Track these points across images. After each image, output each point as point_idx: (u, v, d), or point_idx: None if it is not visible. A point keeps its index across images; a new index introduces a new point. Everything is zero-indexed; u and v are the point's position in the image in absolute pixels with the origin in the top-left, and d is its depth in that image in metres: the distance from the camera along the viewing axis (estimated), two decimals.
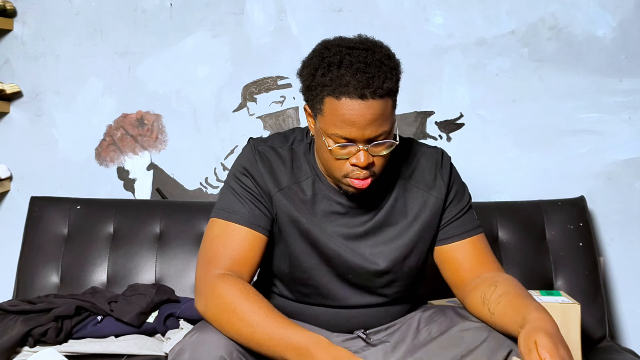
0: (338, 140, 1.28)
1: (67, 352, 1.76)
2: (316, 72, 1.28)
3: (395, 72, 1.30)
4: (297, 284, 1.45)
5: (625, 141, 2.17)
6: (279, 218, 1.40)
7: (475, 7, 2.20)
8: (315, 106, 1.31)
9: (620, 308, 2.18)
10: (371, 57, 1.27)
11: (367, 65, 1.25)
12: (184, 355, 1.20)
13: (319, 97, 1.29)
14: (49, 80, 2.31)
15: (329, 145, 1.29)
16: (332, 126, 1.27)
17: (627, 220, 2.17)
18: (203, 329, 1.25)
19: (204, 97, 2.28)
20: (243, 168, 1.40)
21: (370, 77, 1.24)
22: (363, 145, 1.28)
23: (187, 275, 2.03)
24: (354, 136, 1.27)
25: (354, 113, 1.25)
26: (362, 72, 1.24)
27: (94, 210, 2.12)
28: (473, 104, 2.21)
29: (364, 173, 1.30)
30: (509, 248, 2.01)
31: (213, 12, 2.27)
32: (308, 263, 1.41)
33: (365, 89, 1.23)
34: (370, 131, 1.27)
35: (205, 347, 1.20)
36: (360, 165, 1.29)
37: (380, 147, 1.30)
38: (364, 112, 1.25)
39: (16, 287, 2.04)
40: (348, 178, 1.32)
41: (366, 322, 1.46)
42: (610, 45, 2.16)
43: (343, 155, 1.30)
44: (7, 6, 2.26)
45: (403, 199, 1.43)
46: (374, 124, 1.26)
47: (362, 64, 1.25)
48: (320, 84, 1.27)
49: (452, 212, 1.45)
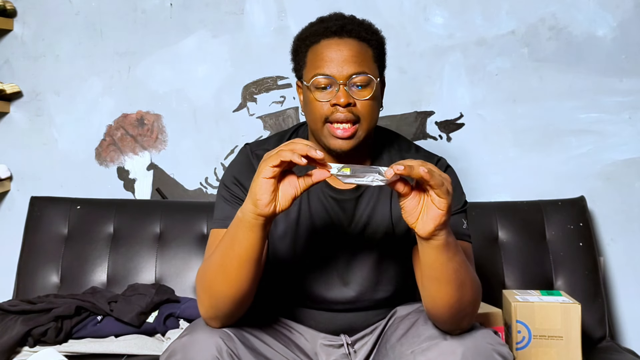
0: (319, 83, 1.32)
1: (67, 352, 1.76)
2: (300, 36, 1.42)
3: (375, 35, 1.38)
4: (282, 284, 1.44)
5: (625, 141, 2.17)
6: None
7: (475, 7, 2.20)
8: (302, 68, 1.39)
9: (620, 308, 2.18)
10: (350, 17, 1.40)
11: (345, 17, 1.39)
12: (176, 357, 1.20)
13: (303, 54, 1.38)
14: (49, 80, 2.31)
15: (311, 91, 1.33)
16: (313, 69, 1.34)
17: (627, 220, 2.17)
18: (194, 330, 1.25)
19: (204, 97, 2.28)
20: (233, 177, 1.40)
21: (349, 22, 1.37)
22: (342, 82, 1.31)
23: (187, 275, 2.03)
24: (333, 72, 1.31)
25: (331, 49, 1.33)
26: (341, 19, 1.38)
27: (94, 210, 2.12)
28: (473, 104, 2.21)
29: (345, 114, 1.31)
30: (509, 248, 2.02)
31: (213, 12, 2.27)
32: (295, 263, 1.41)
33: (342, 28, 1.35)
34: (348, 68, 1.31)
35: (196, 347, 1.20)
36: (340, 104, 1.30)
37: (361, 91, 1.33)
38: (340, 47, 1.33)
39: (16, 287, 2.04)
40: (330, 124, 1.33)
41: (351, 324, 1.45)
42: (610, 45, 2.16)
43: (325, 97, 1.32)
44: (7, 6, 2.26)
45: (389, 199, 1.42)
46: (351, 60, 1.32)
47: (340, 17, 1.40)
48: (303, 39, 1.39)
49: None
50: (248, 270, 1.21)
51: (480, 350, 1.21)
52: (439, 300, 1.23)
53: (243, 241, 1.18)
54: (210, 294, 1.24)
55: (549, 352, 1.62)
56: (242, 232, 1.18)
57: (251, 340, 1.28)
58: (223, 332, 1.23)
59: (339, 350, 1.43)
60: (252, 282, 1.23)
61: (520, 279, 1.99)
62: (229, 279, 1.22)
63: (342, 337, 1.44)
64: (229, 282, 1.22)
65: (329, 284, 1.41)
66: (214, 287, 1.23)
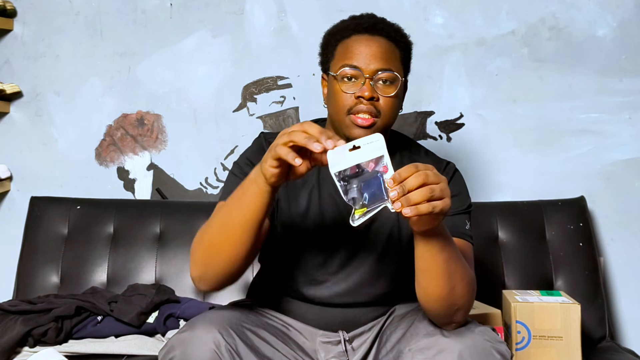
0: (346, 73, 1.37)
1: (67, 352, 1.76)
2: (332, 31, 1.46)
3: (403, 38, 1.44)
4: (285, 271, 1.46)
5: (625, 141, 2.17)
6: (280, 204, 1.43)
7: (475, 7, 2.20)
8: (329, 61, 1.43)
9: (620, 308, 2.18)
10: (381, 18, 1.46)
11: (377, 17, 1.46)
12: (174, 352, 1.21)
13: (332, 47, 1.42)
14: (49, 80, 2.31)
15: (337, 81, 1.37)
16: (342, 60, 1.38)
17: (627, 220, 2.17)
18: (192, 326, 1.25)
19: (204, 97, 2.28)
20: (247, 159, 1.44)
21: (380, 21, 1.43)
22: (368, 76, 1.35)
23: (187, 275, 2.03)
24: (360, 65, 1.36)
25: (361, 44, 1.38)
26: (373, 18, 1.45)
27: (94, 210, 2.12)
28: (473, 104, 2.21)
29: (367, 106, 1.35)
30: (509, 248, 2.02)
31: (213, 12, 2.27)
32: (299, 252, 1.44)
33: (374, 26, 1.41)
34: (375, 63, 1.36)
35: (194, 342, 1.20)
36: (364, 97, 1.34)
37: (386, 87, 1.37)
38: (370, 43, 1.38)
39: (16, 287, 2.04)
40: (352, 115, 1.36)
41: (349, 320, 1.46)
42: (610, 45, 2.16)
43: (350, 89, 1.36)
44: (7, 6, 2.26)
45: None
46: (379, 57, 1.37)
47: (372, 16, 1.46)
48: (334, 34, 1.44)
49: None
50: (248, 234, 1.23)
51: (478, 348, 1.21)
52: (430, 291, 1.24)
53: (250, 203, 1.21)
54: (207, 252, 1.27)
55: (549, 353, 1.62)
56: (250, 192, 1.20)
57: (250, 337, 1.28)
58: (222, 327, 1.23)
59: (337, 347, 1.44)
60: (248, 248, 1.25)
61: (520, 279, 1.99)
62: (228, 237, 1.24)
63: (340, 333, 1.44)
64: (227, 240, 1.24)
65: (331, 274, 1.43)
66: (212, 243, 1.26)
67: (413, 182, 1.07)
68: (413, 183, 1.07)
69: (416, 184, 1.07)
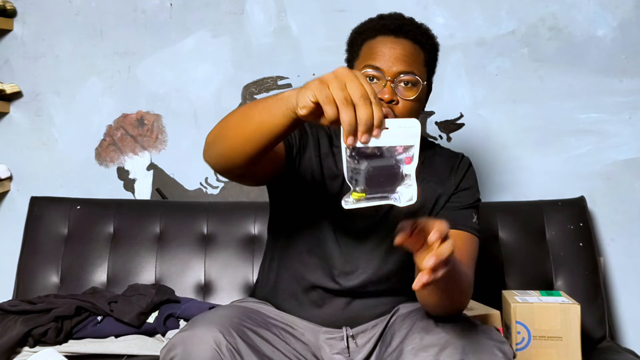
0: (367, 74, 1.37)
1: (67, 352, 1.76)
2: (358, 29, 1.46)
3: (430, 40, 1.45)
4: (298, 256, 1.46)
5: (625, 141, 2.17)
6: (302, 164, 1.43)
7: (475, 7, 2.20)
8: (354, 60, 1.44)
9: (620, 308, 2.18)
10: (409, 18, 1.46)
11: (404, 18, 1.46)
12: (176, 351, 1.21)
13: (358, 46, 1.43)
14: (49, 80, 2.31)
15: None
16: (365, 61, 1.39)
17: (627, 220, 2.17)
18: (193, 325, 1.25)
19: (204, 97, 2.28)
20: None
21: (407, 23, 1.43)
22: (389, 78, 1.36)
23: (187, 275, 2.04)
24: (382, 67, 1.37)
25: (386, 46, 1.39)
26: (400, 19, 1.44)
27: (94, 210, 2.12)
28: (473, 104, 2.21)
29: (386, 109, 1.35)
30: (509, 248, 2.02)
31: (213, 12, 2.27)
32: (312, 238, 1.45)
33: (400, 28, 1.41)
34: (398, 66, 1.37)
35: (195, 341, 1.20)
36: (384, 99, 1.34)
37: (406, 90, 1.37)
38: (394, 45, 1.39)
39: (16, 287, 2.04)
40: None
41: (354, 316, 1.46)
42: (610, 45, 2.16)
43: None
44: (7, 6, 2.26)
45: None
46: (402, 59, 1.37)
47: (399, 17, 1.46)
48: (360, 32, 1.44)
49: (452, 204, 1.47)
50: (258, 135, 1.16)
51: (481, 347, 1.21)
52: (429, 304, 1.29)
53: (272, 115, 1.13)
54: (222, 126, 1.24)
55: (549, 353, 1.62)
56: (277, 107, 1.12)
57: (251, 336, 1.28)
58: (223, 327, 1.23)
59: (341, 343, 1.44)
60: (253, 147, 1.19)
61: (520, 279, 1.99)
62: (242, 126, 1.18)
63: (343, 329, 1.45)
64: (241, 128, 1.19)
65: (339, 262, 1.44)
66: (228, 124, 1.22)
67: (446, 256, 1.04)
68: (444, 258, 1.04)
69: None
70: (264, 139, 1.17)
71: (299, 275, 1.47)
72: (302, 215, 1.47)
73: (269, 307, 1.48)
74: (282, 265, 1.51)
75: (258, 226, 2.07)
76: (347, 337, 1.44)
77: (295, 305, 1.48)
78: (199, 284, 2.04)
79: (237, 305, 1.45)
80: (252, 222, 2.08)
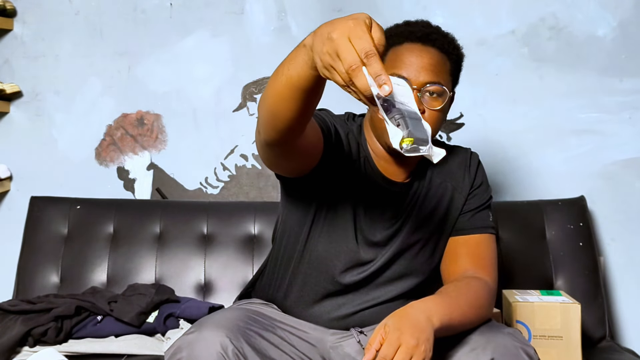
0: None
1: (67, 352, 1.76)
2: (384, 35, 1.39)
3: (456, 50, 1.42)
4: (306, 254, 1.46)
5: (625, 141, 2.17)
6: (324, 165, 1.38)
7: (475, 7, 2.20)
8: None
9: (620, 308, 2.18)
10: (435, 26, 1.43)
11: (431, 26, 1.43)
12: (182, 353, 1.20)
13: (384, 52, 1.35)
14: (49, 80, 2.31)
15: None
16: (391, 69, 1.34)
17: (627, 220, 2.17)
18: (200, 328, 1.25)
19: (204, 97, 2.28)
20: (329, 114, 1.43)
21: (434, 31, 1.41)
22: (416, 88, 1.34)
23: (187, 275, 2.04)
24: (409, 76, 1.34)
25: (413, 54, 1.36)
26: (427, 27, 1.42)
27: (94, 210, 2.12)
28: (473, 104, 2.21)
29: None
30: (509, 248, 2.01)
31: (213, 12, 2.27)
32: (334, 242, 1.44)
33: (427, 36, 1.38)
34: (425, 75, 1.35)
35: (202, 344, 1.20)
36: None
37: (432, 100, 1.35)
38: (422, 54, 1.36)
39: (16, 287, 2.04)
40: None
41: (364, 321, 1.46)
42: (610, 45, 2.16)
43: None
44: (7, 6, 2.26)
45: (426, 190, 1.47)
46: (429, 69, 1.35)
47: (426, 25, 1.43)
48: (386, 38, 1.35)
49: (469, 206, 1.48)
50: (291, 93, 1.14)
51: (508, 349, 1.22)
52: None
53: (297, 66, 1.13)
54: (263, 94, 1.22)
55: (549, 352, 1.61)
56: (300, 58, 1.13)
57: (257, 340, 1.28)
58: (229, 330, 1.23)
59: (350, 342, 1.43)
60: (291, 111, 1.15)
61: (520, 279, 1.99)
62: (273, 89, 1.17)
63: (352, 331, 1.45)
64: (274, 89, 1.17)
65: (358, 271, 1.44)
66: (267, 92, 1.20)
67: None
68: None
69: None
70: (296, 94, 1.13)
71: (314, 283, 1.46)
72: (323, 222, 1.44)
73: (273, 308, 1.47)
74: (295, 272, 1.48)
75: (258, 226, 2.07)
76: (356, 335, 1.44)
77: (303, 310, 1.47)
78: (198, 283, 2.04)
79: (243, 307, 1.44)
80: (252, 222, 2.08)
